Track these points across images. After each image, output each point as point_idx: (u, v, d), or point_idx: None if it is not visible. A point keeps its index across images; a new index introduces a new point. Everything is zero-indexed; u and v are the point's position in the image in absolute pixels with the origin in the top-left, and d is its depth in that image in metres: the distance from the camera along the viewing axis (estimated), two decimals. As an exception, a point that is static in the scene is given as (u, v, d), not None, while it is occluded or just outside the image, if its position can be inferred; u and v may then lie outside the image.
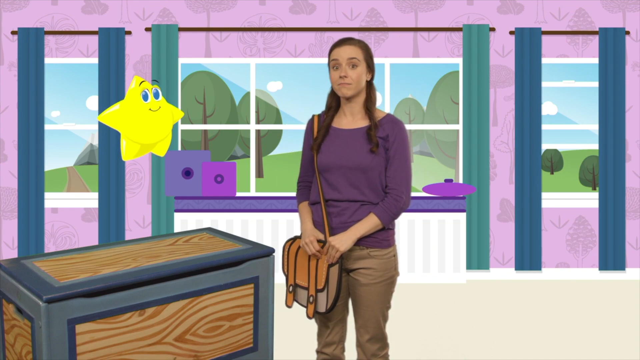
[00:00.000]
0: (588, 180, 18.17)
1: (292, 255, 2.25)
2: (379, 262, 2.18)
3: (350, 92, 2.17)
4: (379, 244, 2.18)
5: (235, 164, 4.79)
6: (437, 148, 20.16)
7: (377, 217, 2.14)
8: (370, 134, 2.16)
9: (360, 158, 2.16)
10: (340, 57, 2.16)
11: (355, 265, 2.20)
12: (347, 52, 2.16)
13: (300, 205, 2.34)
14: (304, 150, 2.37)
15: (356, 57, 2.16)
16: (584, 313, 4.06)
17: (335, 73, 2.18)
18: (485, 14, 5.08)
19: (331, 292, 2.13)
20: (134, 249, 2.15)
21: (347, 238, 2.12)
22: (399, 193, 2.15)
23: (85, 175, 19.31)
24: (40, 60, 4.99)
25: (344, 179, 2.18)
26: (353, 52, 2.16)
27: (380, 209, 2.15)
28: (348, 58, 2.15)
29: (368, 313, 2.20)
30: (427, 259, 4.81)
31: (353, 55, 2.16)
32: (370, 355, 2.22)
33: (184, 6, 5.08)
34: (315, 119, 2.31)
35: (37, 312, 1.66)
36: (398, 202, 2.15)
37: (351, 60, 2.15)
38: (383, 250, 2.19)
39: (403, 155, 2.17)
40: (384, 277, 2.18)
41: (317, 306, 2.16)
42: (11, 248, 5.07)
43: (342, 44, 2.18)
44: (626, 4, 5.06)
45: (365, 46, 2.20)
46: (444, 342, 3.51)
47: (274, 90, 20.65)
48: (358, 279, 2.20)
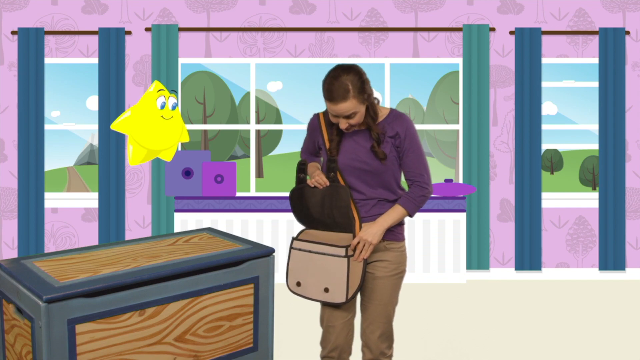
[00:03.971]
0: (588, 180, 18.17)
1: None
2: (395, 255, 2.23)
3: (355, 128, 2.22)
4: (394, 236, 2.24)
5: (235, 164, 4.79)
6: (437, 148, 20.16)
7: (403, 207, 2.19)
8: (375, 151, 2.17)
9: (365, 159, 2.20)
10: (338, 114, 2.12)
11: (371, 258, 2.22)
12: (342, 110, 2.09)
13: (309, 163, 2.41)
14: (306, 146, 2.44)
15: (353, 111, 2.11)
16: (584, 313, 4.06)
17: (336, 120, 2.16)
18: (485, 14, 5.07)
19: (354, 282, 2.14)
20: (134, 249, 2.15)
21: (377, 230, 2.15)
22: (423, 182, 2.20)
23: (85, 175, 19.31)
24: (40, 60, 4.98)
25: (359, 179, 2.22)
26: (348, 108, 2.09)
27: (406, 199, 2.19)
28: (344, 116, 2.12)
29: (380, 308, 2.22)
30: (427, 259, 4.81)
31: (349, 111, 2.10)
32: (378, 354, 2.22)
33: (184, 6, 5.08)
34: (322, 117, 2.32)
35: (37, 312, 1.66)
36: (423, 191, 2.20)
37: (349, 115, 2.12)
38: (398, 243, 2.25)
39: (417, 146, 2.20)
40: (397, 270, 2.23)
41: (333, 298, 2.15)
42: (11, 248, 5.07)
43: (336, 101, 2.08)
44: (626, 4, 5.06)
45: (356, 83, 2.09)
46: (444, 342, 3.51)
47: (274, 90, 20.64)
48: (373, 272, 2.22)
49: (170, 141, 2.38)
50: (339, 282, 2.14)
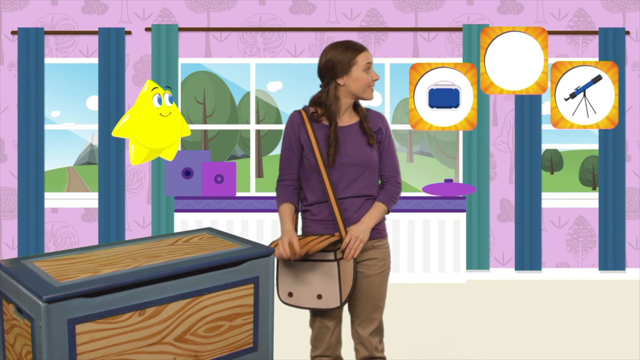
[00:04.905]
0: (588, 180, 18.17)
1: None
2: (381, 252, 2.25)
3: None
4: (379, 234, 2.25)
5: (235, 164, 4.79)
6: (437, 148, 20.16)
7: (383, 204, 2.22)
8: (364, 127, 2.21)
9: (363, 154, 2.20)
10: (371, 61, 2.22)
11: (360, 258, 2.23)
12: (371, 58, 2.24)
13: (282, 206, 2.27)
14: (287, 147, 2.27)
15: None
16: (584, 313, 4.06)
17: (367, 75, 2.20)
18: (485, 14, 5.07)
19: (346, 285, 2.15)
20: (134, 249, 2.15)
21: (365, 228, 2.17)
22: (398, 179, 2.27)
23: (85, 175, 19.31)
24: (40, 60, 4.98)
25: (346, 176, 2.20)
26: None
27: (384, 196, 2.23)
28: (371, 62, 2.24)
29: (371, 305, 2.24)
30: (427, 259, 4.81)
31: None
32: (372, 350, 2.24)
33: (184, 6, 5.08)
34: (304, 115, 2.23)
35: (37, 312, 1.66)
36: (398, 188, 2.26)
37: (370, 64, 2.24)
38: (382, 241, 2.27)
39: (393, 145, 2.30)
40: (385, 266, 2.26)
41: (327, 304, 2.16)
42: (11, 248, 5.07)
43: (365, 49, 2.23)
44: (626, 4, 5.06)
45: None
46: (444, 342, 3.51)
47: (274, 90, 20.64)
48: (362, 270, 2.23)
49: (173, 137, 2.38)
50: (331, 287, 2.15)
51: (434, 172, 19.60)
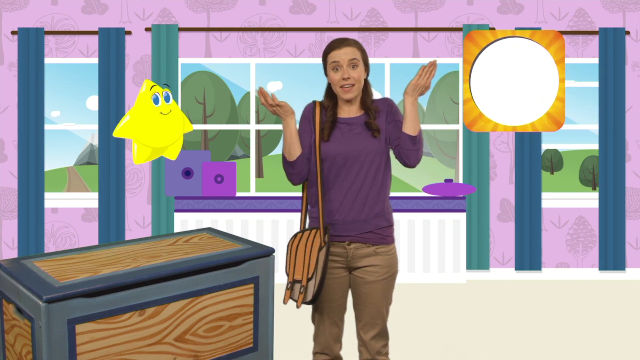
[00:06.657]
0: (588, 180, 18.17)
1: (294, 251, 2.25)
2: (384, 259, 2.22)
3: (353, 95, 2.19)
4: (384, 240, 2.23)
5: (235, 164, 4.79)
6: (437, 148, 20.16)
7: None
8: (369, 123, 2.19)
9: (368, 148, 2.18)
10: (341, 59, 2.16)
11: (361, 263, 2.21)
12: (348, 54, 2.16)
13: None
14: (300, 127, 2.30)
15: (356, 58, 2.17)
16: (584, 313, 4.06)
17: (336, 75, 2.17)
18: (485, 14, 5.07)
19: (317, 279, 2.14)
20: (134, 249, 2.15)
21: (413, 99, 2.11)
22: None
23: (85, 175, 19.32)
24: (40, 60, 4.98)
25: (335, 165, 2.20)
26: (352, 53, 2.17)
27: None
28: (349, 59, 2.16)
29: (373, 310, 2.23)
30: (427, 259, 4.81)
31: (353, 56, 2.16)
32: (375, 354, 2.24)
33: (184, 6, 5.08)
34: (318, 106, 2.27)
35: (37, 312, 1.66)
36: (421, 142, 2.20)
37: (352, 61, 2.16)
38: (387, 247, 2.24)
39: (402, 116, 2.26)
40: (388, 272, 2.23)
41: (305, 296, 2.16)
42: (11, 248, 5.07)
43: (341, 45, 2.17)
44: (626, 4, 5.06)
45: (360, 46, 2.22)
46: (444, 342, 3.51)
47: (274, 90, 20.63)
48: (363, 276, 2.21)
49: (175, 134, 2.37)
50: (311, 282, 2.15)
51: (434, 172, 19.61)
